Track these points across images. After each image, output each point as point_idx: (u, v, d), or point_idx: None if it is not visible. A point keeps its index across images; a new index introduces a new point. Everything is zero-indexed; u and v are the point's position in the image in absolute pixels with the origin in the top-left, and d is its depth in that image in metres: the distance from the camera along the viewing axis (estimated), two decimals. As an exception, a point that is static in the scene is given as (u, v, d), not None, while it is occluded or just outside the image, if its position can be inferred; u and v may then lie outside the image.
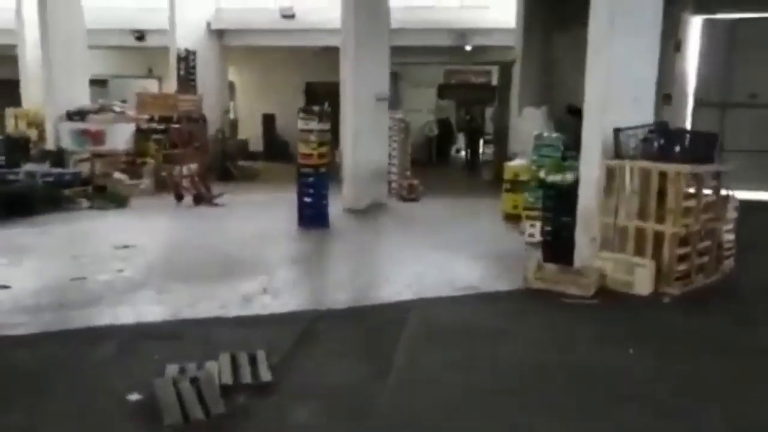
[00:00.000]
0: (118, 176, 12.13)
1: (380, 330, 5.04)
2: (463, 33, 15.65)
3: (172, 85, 15.21)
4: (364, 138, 10.60)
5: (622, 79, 6.38)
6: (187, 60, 15.31)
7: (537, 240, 7.97)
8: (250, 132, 19.37)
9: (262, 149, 19.25)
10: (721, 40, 12.90)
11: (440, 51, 16.67)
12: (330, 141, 9.32)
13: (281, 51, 17.87)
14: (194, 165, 11.49)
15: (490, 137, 18.04)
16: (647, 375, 4.30)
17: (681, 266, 6.10)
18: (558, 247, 7.00)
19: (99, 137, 12.90)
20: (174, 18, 15.12)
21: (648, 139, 6.28)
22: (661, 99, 9.89)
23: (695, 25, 12.92)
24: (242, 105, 20.50)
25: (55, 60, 13.21)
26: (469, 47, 16.11)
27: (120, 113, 13.60)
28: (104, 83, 19.77)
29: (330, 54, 11.86)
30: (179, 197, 11.06)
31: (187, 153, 12.86)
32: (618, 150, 6.36)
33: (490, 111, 19.73)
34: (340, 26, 10.68)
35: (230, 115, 18.57)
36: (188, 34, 15.53)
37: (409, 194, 11.81)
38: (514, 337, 4.96)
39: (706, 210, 6.33)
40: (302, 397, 3.85)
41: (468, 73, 20.80)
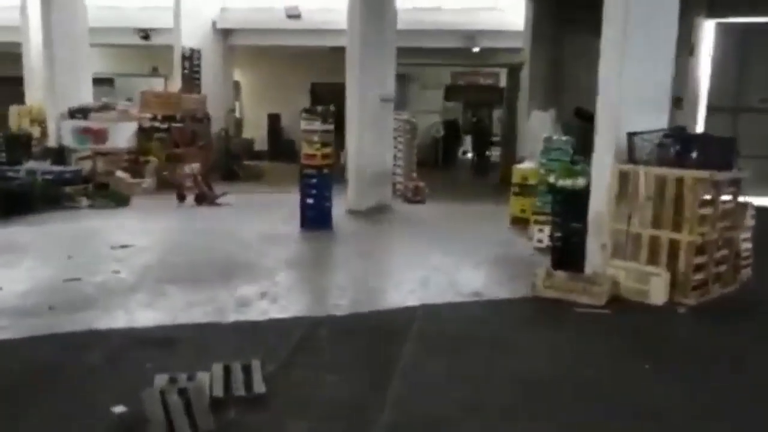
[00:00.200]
0: (120, 175, 11.98)
1: (381, 339, 4.82)
2: (471, 35, 15.48)
3: (177, 84, 15.06)
4: (369, 139, 10.42)
5: (637, 82, 6.18)
6: (192, 59, 15.18)
7: (545, 245, 7.82)
8: (256, 132, 19.26)
9: (267, 149, 19.11)
10: (734, 45, 12.69)
11: (448, 53, 16.51)
12: (333, 142, 9.12)
13: (287, 51, 17.75)
14: (197, 164, 11.31)
15: (498, 140, 17.82)
16: (664, 393, 4.06)
17: (697, 276, 5.87)
18: (567, 254, 6.81)
19: (101, 135, 12.75)
20: (179, 17, 14.99)
21: (664, 144, 6.04)
22: (673, 103, 9.68)
23: (708, 29, 12.69)
24: (248, 105, 20.40)
25: (58, 58, 13.12)
26: (477, 49, 15.93)
27: (122, 111, 13.44)
28: (111, 82, 19.69)
29: (336, 54, 11.68)
30: (181, 197, 10.89)
31: (190, 152, 12.73)
32: (632, 155, 6.15)
33: (498, 113, 19.58)
34: (347, 27, 10.51)
35: (236, 115, 18.43)
36: (193, 33, 15.42)
37: (415, 196, 11.60)
38: (522, 349, 4.73)
39: (724, 218, 6.08)
40: (297, 412, 3.63)
41: (475, 75, 20.63)
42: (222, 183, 12.37)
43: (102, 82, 17.96)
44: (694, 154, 5.91)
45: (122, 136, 12.92)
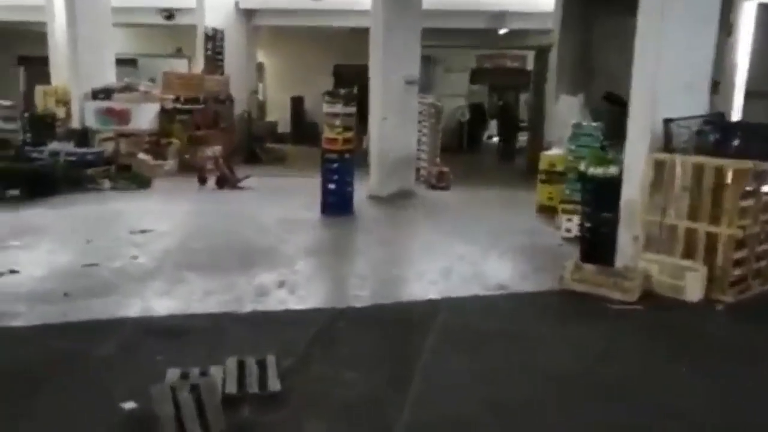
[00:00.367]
0: (142, 157, 11.92)
1: (402, 333, 4.65)
2: (498, 15, 15.04)
3: (200, 65, 14.93)
4: (393, 123, 10.18)
5: (674, 65, 5.85)
6: (215, 39, 15.00)
7: (573, 235, 7.57)
8: (279, 114, 19.09)
9: (290, 131, 18.95)
10: (777, 27, 12.10)
11: (474, 34, 16.11)
12: (356, 125, 8.91)
13: (310, 32, 17.49)
14: (218, 147, 11.19)
15: (525, 124, 17.42)
16: (701, 398, 3.83)
17: (736, 271, 5.58)
18: (597, 245, 6.55)
19: (124, 116, 12.68)
20: (203, -4, 14.81)
21: (703, 132, 5.74)
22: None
23: (749, 10, 12.13)
24: (271, 87, 20.22)
25: (81, 37, 12.99)
26: (504, 30, 15.51)
27: (145, 92, 13.35)
28: (134, 63, 19.66)
29: (359, 36, 11.41)
30: (203, 180, 10.80)
31: (212, 134, 12.63)
32: (668, 142, 5.85)
33: (524, 97, 19.15)
34: (370, 7, 10.24)
35: (258, 97, 18.27)
36: (217, 13, 15.21)
37: (439, 182, 11.35)
38: (550, 346, 4.52)
39: (766, 210, 5.76)
40: (313, 411, 3.48)
41: (502, 58, 20.18)
42: (244, 166, 12.26)
43: (125, 63, 17.93)
44: (736, 142, 5.60)
45: (145, 118, 12.83)
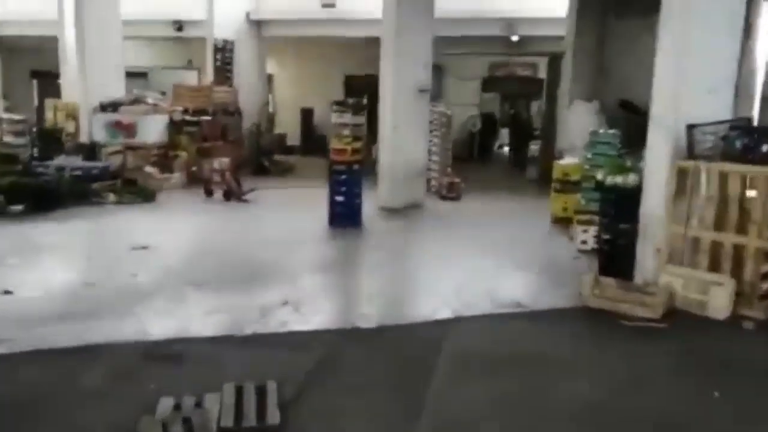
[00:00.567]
0: (149, 170, 11.78)
1: (412, 357, 4.37)
2: (510, 22, 14.82)
3: (210, 77, 14.83)
4: (403, 132, 9.96)
5: (698, 69, 5.57)
6: (224, 51, 14.91)
7: (590, 247, 7.29)
8: (289, 126, 18.94)
9: (300, 144, 18.80)
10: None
11: (486, 41, 15.89)
12: (365, 136, 8.70)
13: (321, 43, 17.36)
14: (226, 159, 11.03)
15: (537, 133, 17.12)
16: (733, 423, 3.53)
17: (764, 285, 5.25)
18: (615, 258, 6.27)
19: (131, 129, 12.55)
20: (212, 8, 14.75)
21: (728, 138, 5.43)
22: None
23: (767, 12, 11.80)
24: (281, 98, 20.10)
25: (90, 50, 12.93)
26: (516, 37, 15.27)
27: (153, 105, 13.24)
28: (145, 75, 19.64)
29: (371, 46, 11.23)
30: (209, 192, 10.65)
31: (220, 146, 12.47)
32: (691, 149, 5.54)
33: (536, 105, 18.87)
34: (382, 16, 10.07)
35: (269, 108, 18.15)
36: (227, 25, 15.15)
37: (450, 193, 11.10)
38: (570, 370, 4.22)
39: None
40: (314, 446, 3.23)
41: (513, 66, 19.92)
42: (252, 178, 12.09)
43: (136, 76, 17.89)
44: (765, 148, 5.28)
45: (153, 130, 12.70)
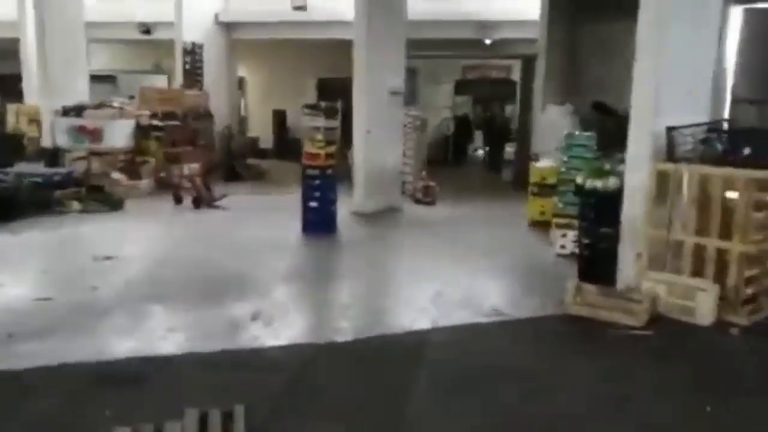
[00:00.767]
0: (116, 176, 11.36)
1: (390, 372, 4.14)
2: (484, 25, 14.74)
3: (180, 81, 14.45)
4: (376, 136, 9.74)
5: (677, 71, 5.47)
6: (194, 53, 14.54)
7: (569, 252, 7.16)
8: (261, 129, 18.63)
9: (273, 147, 18.47)
10: (763, 33, 11.85)
11: (459, 44, 15.80)
12: (339, 140, 8.46)
13: (293, 46, 17.11)
14: (195, 164, 10.68)
15: (512, 135, 17.08)
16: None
17: (748, 290, 5.15)
18: (596, 262, 6.14)
19: (96, 134, 12.09)
20: (180, 10, 14.36)
21: (708, 140, 5.34)
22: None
23: (736, 16, 11.87)
24: (252, 102, 19.77)
25: (51, 53, 12.45)
26: (489, 40, 15.19)
27: (120, 109, 12.80)
28: (113, 79, 19.13)
29: (344, 48, 11.00)
30: (178, 199, 10.29)
31: (189, 151, 12.10)
32: (671, 152, 5.44)
33: (510, 108, 18.85)
34: (353, 18, 9.86)
35: (240, 112, 17.82)
36: (195, 27, 14.80)
37: (425, 197, 10.92)
38: (556, 385, 4.01)
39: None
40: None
41: (487, 68, 19.89)
42: (224, 183, 11.76)
43: (104, 80, 17.39)
44: (746, 151, 5.19)
45: (119, 135, 12.24)
